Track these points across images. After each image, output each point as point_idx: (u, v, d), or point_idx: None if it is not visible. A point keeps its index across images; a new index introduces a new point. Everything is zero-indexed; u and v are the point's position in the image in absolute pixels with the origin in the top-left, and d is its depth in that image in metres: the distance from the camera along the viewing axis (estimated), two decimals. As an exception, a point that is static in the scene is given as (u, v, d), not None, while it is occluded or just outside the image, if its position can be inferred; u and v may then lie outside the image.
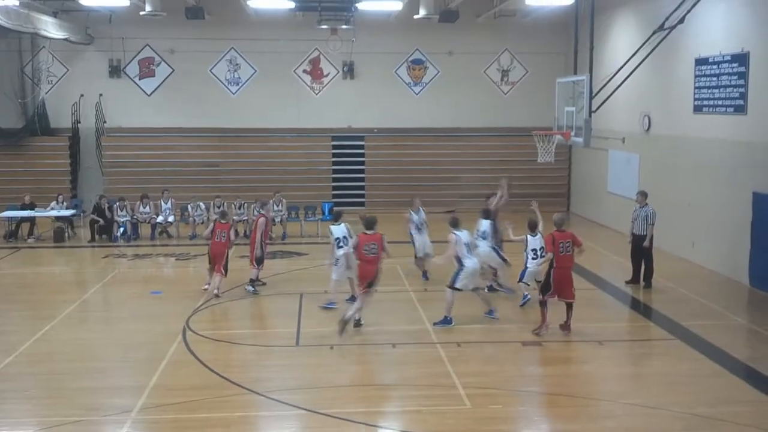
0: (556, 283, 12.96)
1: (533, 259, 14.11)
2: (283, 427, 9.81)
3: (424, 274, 17.08)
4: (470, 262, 13.59)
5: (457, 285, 13.60)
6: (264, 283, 16.55)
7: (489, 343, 12.84)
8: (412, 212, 17.21)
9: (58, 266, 19.92)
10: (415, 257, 17.17)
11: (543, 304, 13.12)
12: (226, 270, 15.87)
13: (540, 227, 14.22)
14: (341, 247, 14.49)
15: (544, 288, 13.16)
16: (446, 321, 13.65)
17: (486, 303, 14.12)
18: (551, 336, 12.99)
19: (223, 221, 16.12)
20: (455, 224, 13.82)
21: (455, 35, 27.16)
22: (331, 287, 14.80)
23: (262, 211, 17.19)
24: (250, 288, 16.10)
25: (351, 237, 14.39)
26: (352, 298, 14.42)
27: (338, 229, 14.73)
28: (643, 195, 16.82)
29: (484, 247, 14.87)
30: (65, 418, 9.74)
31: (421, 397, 10.57)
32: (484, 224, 15.26)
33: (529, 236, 14.11)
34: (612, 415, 9.97)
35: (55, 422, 9.65)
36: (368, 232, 13.39)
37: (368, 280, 13.23)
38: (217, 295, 15.64)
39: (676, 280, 16.93)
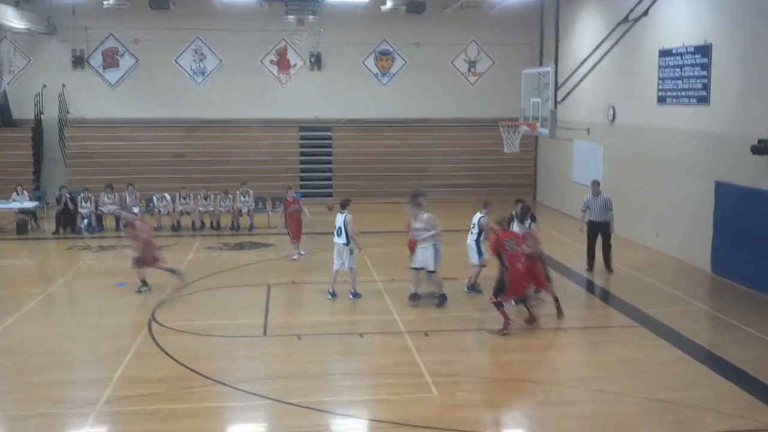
0: (511, 282, 12.69)
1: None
2: (250, 417, 9.79)
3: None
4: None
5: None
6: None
7: (456, 332, 12.91)
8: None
9: (21, 259, 19.65)
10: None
11: (499, 305, 12.81)
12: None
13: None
14: (340, 235, 14.59)
15: (498, 289, 12.90)
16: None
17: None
18: (516, 324, 13.03)
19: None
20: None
21: (422, 26, 27.17)
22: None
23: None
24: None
25: (345, 226, 14.49)
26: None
27: (338, 218, 14.71)
28: (597, 184, 17.29)
29: None
30: (30, 412, 9.64)
31: (388, 385, 10.60)
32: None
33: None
34: (576, 401, 10.10)
35: (19, 416, 9.55)
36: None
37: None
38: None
39: (640, 269, 17.17)
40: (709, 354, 11.92)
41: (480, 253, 14.81)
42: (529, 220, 14.47)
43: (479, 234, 14.76)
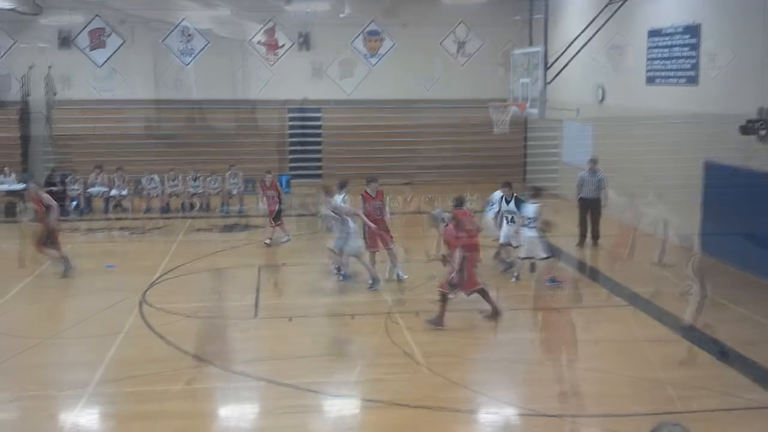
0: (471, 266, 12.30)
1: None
2: (242, 398, 9.81)
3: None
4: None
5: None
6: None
7: (447, 312, 12.90)
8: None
9: (9, 241, 19.53)
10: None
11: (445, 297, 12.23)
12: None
13: None
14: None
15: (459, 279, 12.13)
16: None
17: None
18: (506, 303, 13.06)
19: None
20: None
21: (411, 7, 27.03)
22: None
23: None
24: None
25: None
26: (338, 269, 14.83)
27: (336, 198, 14.75)
28: (594, 162, 17.69)
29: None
30: (21, 393, 9.63)
31: (380, 365, 10.65)
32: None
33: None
34: (566, 380, 10.14)
35: (11, 397, 9.54)
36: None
37: None
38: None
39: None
40: (699, 333, 12.00)
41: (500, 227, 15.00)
42: (536, 202, 14.65)
43: (498, 212, 14.79)
